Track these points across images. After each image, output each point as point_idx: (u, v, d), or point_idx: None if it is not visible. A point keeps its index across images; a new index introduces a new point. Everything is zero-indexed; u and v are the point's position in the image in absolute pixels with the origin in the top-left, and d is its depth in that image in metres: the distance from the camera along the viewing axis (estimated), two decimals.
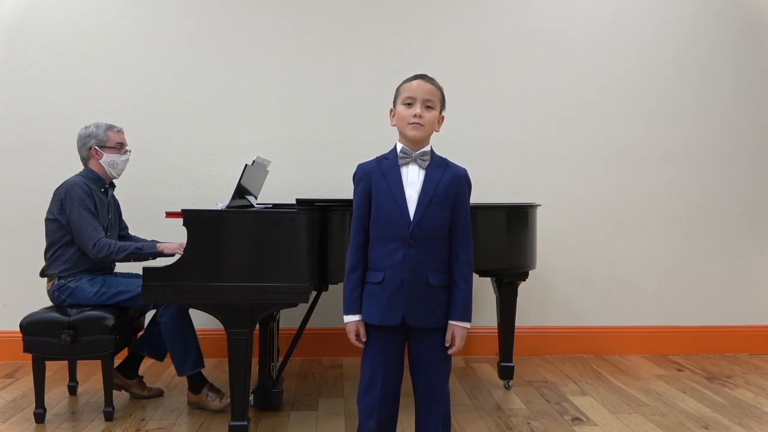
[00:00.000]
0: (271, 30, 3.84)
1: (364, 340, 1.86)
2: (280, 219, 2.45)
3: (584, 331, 3.97)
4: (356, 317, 1.86)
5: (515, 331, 3.27)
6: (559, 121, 3.95)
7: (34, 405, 2.75)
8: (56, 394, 3.12)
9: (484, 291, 3.80)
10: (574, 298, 3.97)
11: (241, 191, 2.77)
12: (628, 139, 3.98)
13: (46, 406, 2.78)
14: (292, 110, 3.85)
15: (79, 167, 3.03)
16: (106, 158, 2.97)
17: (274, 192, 3.68)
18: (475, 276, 3.42)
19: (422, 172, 1.86)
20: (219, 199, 3.12)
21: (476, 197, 3.73)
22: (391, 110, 1.92)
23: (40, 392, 2.74)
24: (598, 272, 3.97)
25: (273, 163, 3.39)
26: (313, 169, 3.85)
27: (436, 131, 1.90)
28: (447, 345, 1.85)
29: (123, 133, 3.05)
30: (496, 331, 3.32)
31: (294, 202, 2.81)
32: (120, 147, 3.01)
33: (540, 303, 3.93)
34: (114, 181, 3.08)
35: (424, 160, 1.86)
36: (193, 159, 3.81)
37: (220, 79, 3.82)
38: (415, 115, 1.83)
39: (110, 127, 3.00)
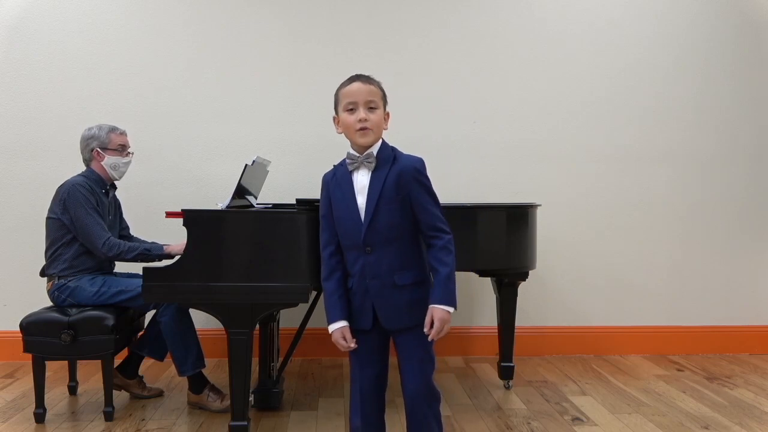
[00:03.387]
0: (271, 30, 3.84)
1: (352, 345, 1.82)
2: (280, 219, 2.45)
3: (584, 331, 3.97)
4: (339, 324, 1.83)
5: (515, 331, 3.27)
6: (560, 121, 3.95)
7: (34, 405, 2.75)
8: (56, 394, 3.13)
9: (484, 291, 3.80)
10: (574, 298, 3.97)
11: (241, 191, 2.77)
12: (628, 139, 3.98)
13: (46, 406, 2.78)
14: (292, 110, 3.85)
15: (80, 167, 3.03)
16: (108, 160, 2.97)
17: (274, 192, 3.68)
18: (475, 276, 3.47)
19: (370, 175, 1.81)
20: (219, 199, 3.12)
21: (476, 197, 3.76)
22: (335, 118, 1.88)
23: (40, 392, 2.74)
24: (598, 272, 3.97)
25: (273, 163, 3.39)
26: (313, 169, 3.80)
27: (385, 129, 1.85)
28: (426, 330, 1.77)
29: (126, 135, 3.05)
30: (496, 331, 3.32)
31: (294, 202, 2.81)
32: (122, 149, 3.01)
33: (540, 303, 3.93)
34: (115, 182, 3.08)
35: (370, 163, 1.81)
36: (193, 159, 3.81)
37: (220, 79, 3.82)
38: (360, 120, 1.78)
39: (113, 129, 3.01)
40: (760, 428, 2.74)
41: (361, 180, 1.82)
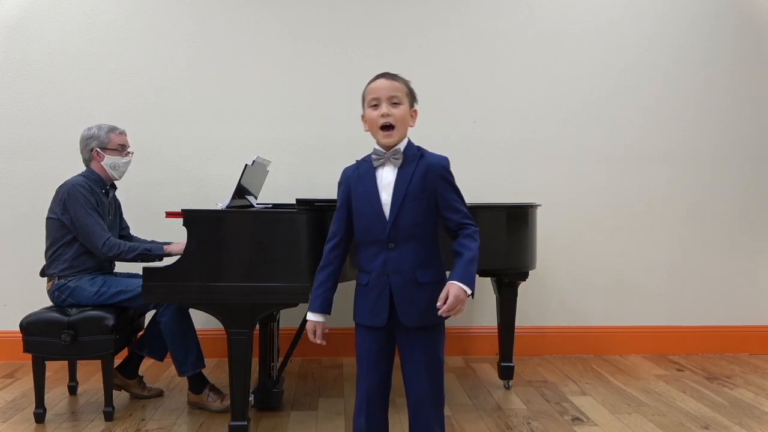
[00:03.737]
0: (271, 30, 3.84)
1: (319, 341, 1.86)
2: (280, 219, 2.45)
3: (584, 331, 3.97)
4: (317, 317, 1.86)
5: (515, 331, 3.27)
6: (559, 121, 3.95)
7: (34, 405, 2.75)
8: (56, 394, 3.12)
9: (484, 291, 3.80)
10: (574, 298, 3.98)
11: (241, 191, 2.77)
12: (628, 139, 3.98)
13: (46, 406, 2.78)
14: (292, 110, 3.85)
15: (80, 167, 3.03)
16: (108, 160, 2.97)
17: (274, 192, 3.68)
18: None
19: (395, 171, 1.82)
20: (219, 199, 3.12)
21: (476, 197, 3.76)
22: (363, 116, 1.89)
23: (40, 392, 2.74)
24: (598, 272, 3.97)
25: (273, 163, 3.39)
26: (313, 169, 3.85)
27: (410, 126, 1.87)
28: (439, 304, 1.71)
29: (125, 135, 3.05)
30: (496, 331, 3.32)
31: (294, 202, 2.81)
32: (122, 149, 3.01)
33: (540, 303, 3.93)
34: (115, 182, 3.08)
35: (396, 159, 1.82)
36: (193, 159, 3.82)
37: (220, 79, 3.82)
38: (382, 115, 1.80)
39: (112, 129, 3.01)
40: (760, 428, 2.74)
41: (386, 176, 1.82)
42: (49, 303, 2.92)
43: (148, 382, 3.17)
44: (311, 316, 1.87)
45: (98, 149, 2.96)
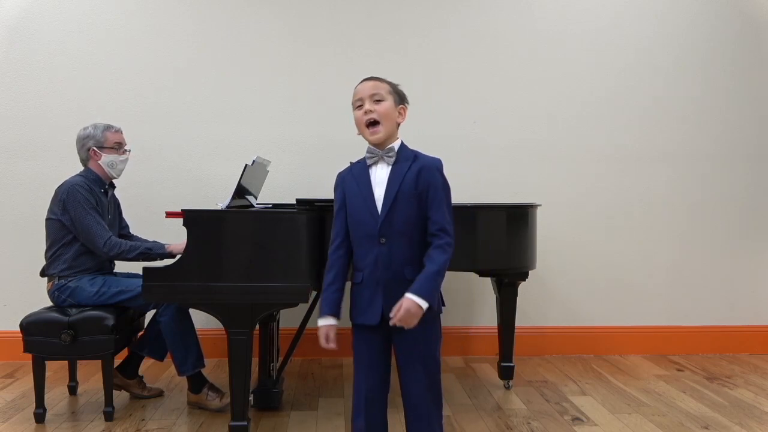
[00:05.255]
0: (271, 30, 3.84)
1: (332, 346, 1.83)
2: (280, 219, 2.45)
3: (584, 331, 3.97)
4: (329, 320, 1.84)
5: (515, 331, 3.27)
6: (559, 121, 3.95)
7: (34, 405, 2.75)
8: (56, 394, 3.12)
9: (484, 291, 3.80)
10: (574, 298, 3.97)
11: (241, 191, 2.77)
12: (628, 139, 3.98)
13: (46, 406, 2.78)
14: (292, 110, 3.85)
15: (80, 167, 3.03)
16: (105, 159, 2.97)
17: (274, 192, 3.68)
18: (475, 276, 3.47)
19: (389, 169, 1.85)
20: (219, 199, 3.12)
21: (476, 197, 3.76)
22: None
23: (40, 392, 2.74)
24: (598, 272, 3.97)
25: (273, 163, 3.39)
26: (313, 169, 3.85)
27: (399, 122, 1.90)
28: (390, 314, 1.75)
29: (121, 133, 3.04)
30: (496, 331, 3.32)
31: (294, 202, 2.81)
32: (118, 147, 3.01)
33: (540, 303, 3.93)
34: (114, 181, 3.08)
35: (390, 157, 1.85)
36: (193, 159, 3.82)
37: (220, 79, 3.82)
38: (366, 112, 1.84)
39: (108, 128, 3.00)
40: (760, 428, 2.74)
41: (380, 173, 1.86)
42: (49, 303, 2.92)
43: (148, 382, 3.17)
44: (322, 321, 1.85)
45: (95, 148, 2.95)
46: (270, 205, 3.27)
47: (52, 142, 3.72)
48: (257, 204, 3.14)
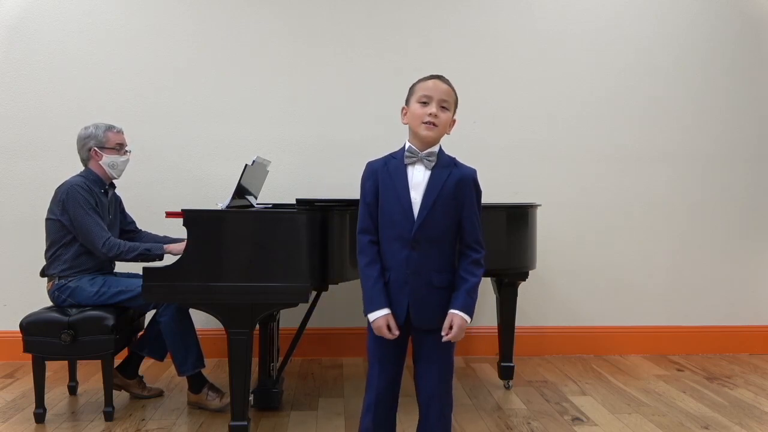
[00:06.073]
0: (271, 30, 3.84)
1: (396, 333, 1.80)
2: (280, 219, 2.45)
3: (584, 331, 3.97)
4: (384, 311, 1.79)
5: (515, 331, 3.27)
6: (559, 121, 3.95)
7: (34, 405, 2.75)
8: (56, 394, 3.12)
9: (484, 291, 3.78)
10: (574, 298, 3.97)
11: (241, 191, 2.77)
12: (627, 139, 3.98)
13: (46, 406, 2.78)
14: (292, 110, 3.85)
15: (80, 167, 3.03)
16: (106, 159, 2.97)
17: (274, 192, 3.68)
18: None
19: (428, 173, 1.83)
20: (219, 199, 3.12)
21: None
22: (403, 108, 1.91)
23: (40, 392, 2.74)
24: (598, 272, 3.97)
25: (273, 163, 3.39)
26: (313, 169, 3.85)
27: (447, 134, 1.90)
28: (444, 333, 1.80)
29: (122, 133, 3.04)
30: (496, 331, 3.32)
31: (294, 202, 2.81)
32: (119, 148, 3.01)
33: (540, 303, 3.93)
34: (114, 181, 3.08)
35: (430, 161, 1.84)
36: (193, 159, 3.82)
37: (220, 79, 3.82)
38: (430, 114, 1.82)
39: (109, 128, 3.00)
40: (760, 428, 2.74)
41: (417, 176, 1.84)
42: (49, 303, 2.92)
43: (148, 382, 3.17)
44: (381, 312, 1.79)
45: (96, 149, 2.95)
46: (270, 205, 3.27)
47: (52, 142, 3.72)
48: (257, 204, 3.14)
